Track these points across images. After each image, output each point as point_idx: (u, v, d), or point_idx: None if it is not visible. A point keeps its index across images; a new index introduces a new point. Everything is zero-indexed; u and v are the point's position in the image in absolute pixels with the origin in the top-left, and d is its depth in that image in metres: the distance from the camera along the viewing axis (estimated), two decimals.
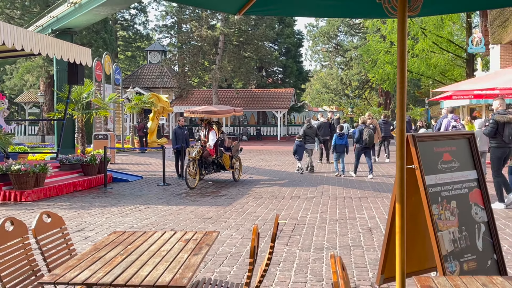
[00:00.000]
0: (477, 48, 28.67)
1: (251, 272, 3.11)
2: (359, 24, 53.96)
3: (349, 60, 55.73)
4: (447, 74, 37.37)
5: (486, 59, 34.55)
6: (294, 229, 7.92)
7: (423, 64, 35.23)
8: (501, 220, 8.43)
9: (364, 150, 14.89)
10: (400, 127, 3.06)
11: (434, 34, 33.71)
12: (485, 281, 2.89)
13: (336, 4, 3.77)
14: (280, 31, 47.16)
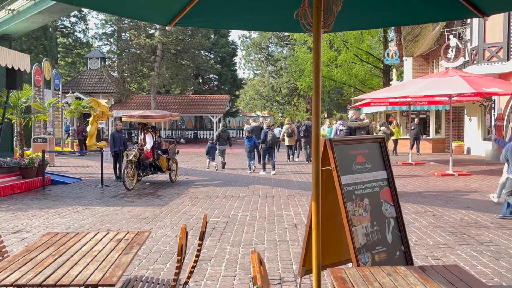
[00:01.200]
0: (392, 60, 29.83)
1: (178, 269, 3.09)
2: (288, 36, 54.79)
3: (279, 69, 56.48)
4: (366, 83, 38.62)
5: (401, 70, 36.03)
6: (225, 227, 7.92)
7: (345, 74, 36.23)
8: (411, 215, 8.80)
9: (269, 150, 16.08)
10: (315, 132, 3.13)
11: (355, 46, 34.77)
12: (390, 270, 3.01)
13: (259, 18, 3.82)
14: (215, 41, 47.15)
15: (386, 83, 34.82)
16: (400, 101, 19.54)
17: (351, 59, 35.77)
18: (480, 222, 8.12)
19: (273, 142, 15.76)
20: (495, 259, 5.94)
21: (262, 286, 2.08)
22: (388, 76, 35.68)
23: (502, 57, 18.93)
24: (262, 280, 2.12)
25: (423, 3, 4.18)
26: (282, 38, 57.29)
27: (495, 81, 15.60)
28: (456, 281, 2.79)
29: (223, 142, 17.56)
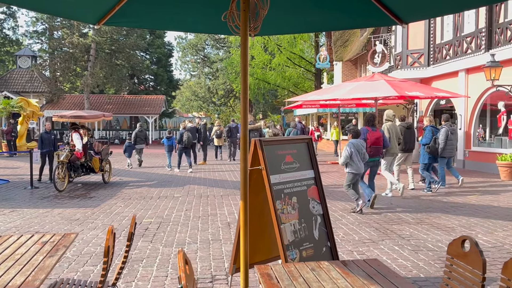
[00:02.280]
0: (323, 64, 30.55)
1: (105, 270, 3.00)
2: (224, 39, 54.80)
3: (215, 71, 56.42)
4: (299, 86, 39.33)
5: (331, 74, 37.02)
6: (159, 227, 7.80)
7: (279, 77, 36.73)
8: (339, 212, 9.05)
9: (185, 150, 16.78)
10: (243, 133, 3.15)
11: (288, 50, 35.32)
12: (314, 266, 3.07)
13: (189, 20, 3.79)
14: (151, 41, 46.31)
15: (317, 86, 35.61)
16: (330, 103, 20.06)
17: (285, 63, 36.32)
18: (402, 218, 8.48)
19: (188, 142, 16.57)
20: (415, 253, 6.22)
21: (187, 285, 2.06)
22: (319, 79, 36.51)
23: (423, 63, 19.88)
24: (187, 280, 2.10)
25: (349, 10, 4.30)
26: (218, 41, 57.24)
27: (416, 86, 16.35)
28: (375, 274, 2.89)
29: (140, 141, 18.43)
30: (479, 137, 17.11)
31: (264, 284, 2.71)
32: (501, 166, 14.00)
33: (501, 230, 7.48)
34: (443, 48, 18.80)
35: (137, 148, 18.47)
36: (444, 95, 16.11)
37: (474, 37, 16.76)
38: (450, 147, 11.82)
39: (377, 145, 9.55)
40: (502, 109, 15.84)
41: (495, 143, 16.33)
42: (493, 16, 15.77)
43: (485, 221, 8.21)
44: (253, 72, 37.37)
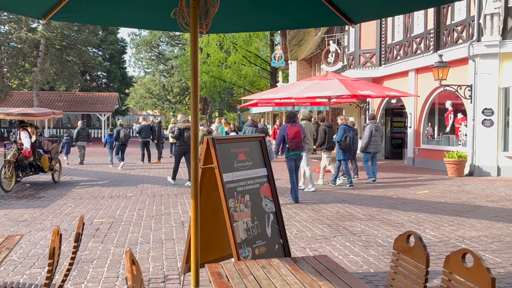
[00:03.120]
0: (278, 63, 30.78)
1: (50, 273, 2.91)
2: (179, 36, 54.31)
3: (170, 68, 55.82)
4: (255, 84, 39.48)
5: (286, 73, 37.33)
6: (110, 227, 7.64)
7: (235, 75, 36.74)
8: (293, 210, 9.15)
9: (122, 147, 17.48)
10: (193, 131, 3.13)
11: (244, 48, 35.38)
12: (265, 263, 3.09)
13: (139, 16, 3.73)
14: (103, 37, 45.28)
15: (273, 84, 35.85)
16: (285, 101, 20.25)
17: (240, 61, 36.37)
18: (354, 215, 8.66)
19: (125, 139, 17.22)
20: (365, 248, 6.36)
21: (133, 286, 2.03)
22: (275, 78, 36.78)
23: (375, 62, 20.37)
24: (134, 280, 2.07)
25: (300, 10, 4.35)
26: (173, 38, 56.64)
27: (368, 85, 16.74)
28: (323, 270, 2.94)
29: (82, 138, 18.58)
30: (428, 135, 17.69)
31: (214, 283, 2.71)
32: (448, 163, 14.52)
33: (447, 225, 7.77)
34: (394, 49, 19.32)
35: (79, 145, 18.63)
36: (395, 94, 16.57)
37: (423, 38, 17.30)
38: (374, 143, 12.98)
39: (297, 139, 9.88)
40: (449, 108, 16.44)
41: (442, 141, 16.93)
42: (440, 18, 16.33)
43: (432, 216, 8.50)
44: (208, 70, 37.23)
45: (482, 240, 6.78)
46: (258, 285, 2.67)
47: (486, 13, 13.91)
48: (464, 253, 2.51)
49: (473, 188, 11.95)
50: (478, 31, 14.23)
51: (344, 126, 12.34)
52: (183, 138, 12.49)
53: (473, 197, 10.57)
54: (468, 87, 14.67)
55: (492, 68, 14.14)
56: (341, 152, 12.34)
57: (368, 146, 13.00)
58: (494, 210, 9.10)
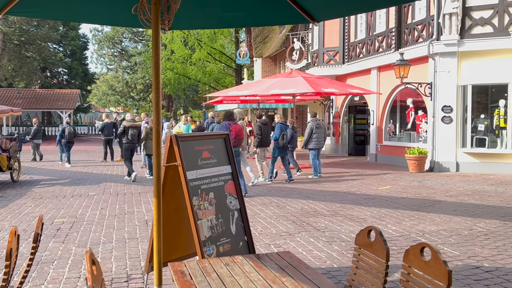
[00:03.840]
0: (243, 60, 30.74)
1: (7, 274, 2.83)
2: (142, 32, 53.56)
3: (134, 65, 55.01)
4: (220, 81, 39.36)
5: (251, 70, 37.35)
6: (72, 227, 7.49)
7: (200, 72, 36.52)
8: (258, 207, 9.17)
9: (68, 144, 17.56)
10: (155, 128, 3.09)
11: (208, 45, 35.18)
12: (228, 261, 3.10)
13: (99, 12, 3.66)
14: (64, 33, 44.14)
15: (238, 81, 35.81)
16: (250, 99, 20.27)
17: (205, 58, 36.16)
18: (318, 211, 8.76)
19: (69, 137, 17.33)
20: (329, 244, 6.45)
21: (93, 286, 2.00)
22: (240, 75, 36.74)
23: (339, 60, 20.63)
24: (94, 280, 2.04)
25: (263, 7, 4.36)
26: (136, 34, 55.83)
27: (332, 82, 16.93)
28: (286, 266, 2.96)
29: (38, 136, 19.03)
30: (389, 132, 18.05)
31: (177, 281, 2.69)
32: (409, 159, 14.86)
33: (408, 220, 7.95)
34: (357, 47, 19.61)
35: (35, 143, 18.97)
36: (358, 91, 16.83)
37: (385, 37, 17.63)
38: (316, 140, 13.58)
39: (240, 136, 10.43)
40: (410, 105, 16.81)
41: (404, 137, 17.31)
42: (402, 17, 16.67)
43: (394, 211, 8.69)
44: (173, 67, 36.89)
45: (441, 234, 6.97)
46: (221, 283, 2.67)
47: (445, 12, 14.28)
48: (422, 247, 2.58)
49: (433, 184, 12.27)
50: (438, 30, 14.61)
51: (281, 125, 12.89)
52: (127, 136, 13.16)
53: (433, 192, 10.85)
54: (428, 85, 15.04)
55: (451, 66, 14.54)
56: (277, 149, 12.80)
57: (308, 142, 13.63)
58: (453, 204, 9.37)
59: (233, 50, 38.02)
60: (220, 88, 36.95)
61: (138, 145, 14.12)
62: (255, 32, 31.28)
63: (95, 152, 23.92)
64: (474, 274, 5.17)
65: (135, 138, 13.25)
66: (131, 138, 13.17)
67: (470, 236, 6.80)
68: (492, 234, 6.92)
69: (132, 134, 13.16)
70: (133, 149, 13.51)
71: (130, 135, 13.14)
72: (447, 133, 14.66)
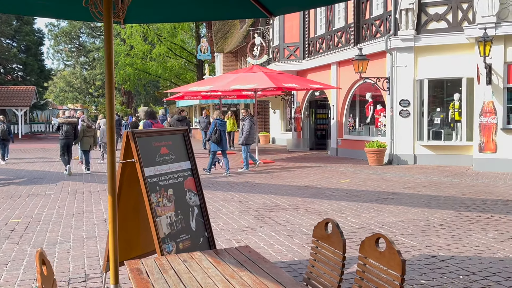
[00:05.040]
0: (204, 55, 30.56)
1: None
2: (101, 27, 52.42)
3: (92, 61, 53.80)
4: (181, 77, 39.00)
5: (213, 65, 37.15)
6: (27, 227, 7.27)
7: (160, 67, 36.08)
8: (220, 202, 9.15)
9: (3, 142, 17.50)
10: (109, 124, 3.02)
11: (168, 40, 34.79)
12: (186, 257, 3.07)
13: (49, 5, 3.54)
14: (18, 28, 42.71)
15: (199, 77, 35.58)
16: (212, 94, 20.16)
17: (166, 53, 35.76)
18: (280, 205, 8.81)
19: (2, 134, 17.25)
20: (290, 237, 6.49)
21: (43, 286, 1.94)
22: (201, 70, 36.50)
23: (299, 56, 20.76)
24: (44, 281, 1.97)
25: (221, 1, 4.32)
26: (94, 29, 54.62)
27: (293, 78, 17.04)
28: (245, 261, 2.96)
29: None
30: (349, 126, 18.33)
31: (133, 279, 2.65)
32: (369, 153, 15.14)
33: (367, 212, 8.09)
34: (317, 42, 19.79)
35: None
36: (318, 86, 17.01)
37: (344, 32, 17.85)
38: (252, 136, 14.57)
39: None
40: (369, 99, 17.11)
41: (363, 131, 17.61)
42: (360, 12, 16.91)
43: (354, 204, 8.83)
44: (132, 62, 36.32)
45: (399, 225, 7.13)
46: (178, 279, 2.64)
47: (402, 8, 14.58)
48: (377, 238, 2.62)
49: (392, 176, 12.54)
50: (395, 25, 14.90)
51: (216, 121, 13.43)
52: (62, 132, 13.82)
53: (391, 185, 11.09)
54: (386, 79, 15.33)
55: (408, 61, 14.87)
56: (214, 145, 13.37)
57: (248, 139, 14.33)
58: (410, 196, 9.60)
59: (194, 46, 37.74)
60: (181, 84, 36.61)
61: (74, 142, 14.35)
62: (216, 27, 31.12)
63: (52, 150, 23.30)
64: (430, 263, 5.31)
65: (69, 134, 13.82)
66: (66, 134, 13.75)
67: (427, 227, 6.98)
68: (447, 224, 7.12)
69: (67, 130, 13.77)
70: (69, 144, 13.93)
71: (65, 131, 13.73)
72: (405, 126, 15.00)
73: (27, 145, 27.88)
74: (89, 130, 14.49)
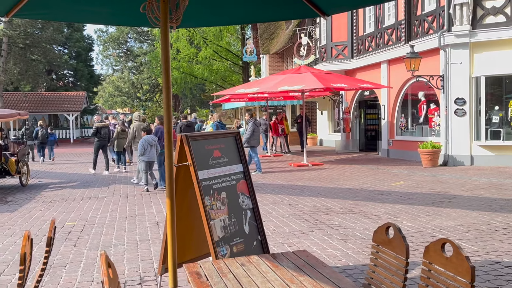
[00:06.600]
0: (250, 57, 30.70)
1: (22, 279, 2.84)
2: (147, 32, 53.69)
3: (139, 65, 55.12)
4: (227, 79, 39.33)
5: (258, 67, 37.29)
6: (83, 230, 7.52)
7: (206, 70, 36.49)
8: (270, 205, 9.16)
9: (42, 145, 19.24)
10: (167, 129, 3.09)
11: (214, 43, 35.16)
12: (244, 261, 3.09)
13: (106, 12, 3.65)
14: (69, 35, 44.40)
15: (245, 79, 35.78)
16: (258, 96, 20.23)
17: (211, 56, 36.14)
18: (331, 208, 8.73)
19: (42, 138, 18.99)
20: (343, 242, 6.42)
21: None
22: (247, 72, 36.69)
23: (347, 55, 20.54)
24: (110, 283, 2.03)
25: (272, 2, 4.33)
26: (141, 34, 55.95)
27: (341, 77, 16.87)
28: (303, 265, 2.95)
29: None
30: (401, 126, 17.95)
31: (193, 282, 2.69)
32: (422, 154, 14.77)
33: (424, 216, 7.90)
34: (366, 40, 19.51)
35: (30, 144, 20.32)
36: (368, 86, 16.76)
37: (394, 29, 17.52)
38: (256, 138, 14.61)
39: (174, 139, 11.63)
40: (422, 98, 16.70)
41: (416, 131, 17.20)
42: (411, 8, 16.55)
43: (409, 207, 8.64)
44: (179, 66, 36.93)
45: (458, 229, 6.92)
46: (238, 283, 2.66)
47: (456, 3, 14.16)
48: (443, 243, 2.55)
49: (448, 178, 12.18)
50: (448, 21, 14.49)
51: (217, 123, 14.18)
52: (99, 135, 15.19)
53: (448, 187, 10.78)
54: (440, 77, 14.92)
55: (463, 57, 14.42)
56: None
57: (250, 140, 14.38)
58: (468, 199, 9.30)
59: (239, 48, 37.99)
60: (227, 86, 36.92)
61: (109, 144, 15.67)
62: (262, 28, 31.23)
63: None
64: (494, 270, 5.12)
65: (104, 136, 15.30)
66: (103, 137, 15.26)
67: (488, 231, 6.74)
68: (511, 229, 6.85)
69: (105, 133, 15.31)
70: (104, 145, 15.38)
71: (103, 134, 15.25)
72: (460, 126, 14.55)
73: (78, 149, 28.89)
74: (123, 133, 15.49)
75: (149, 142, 11.29)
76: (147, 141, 11.29)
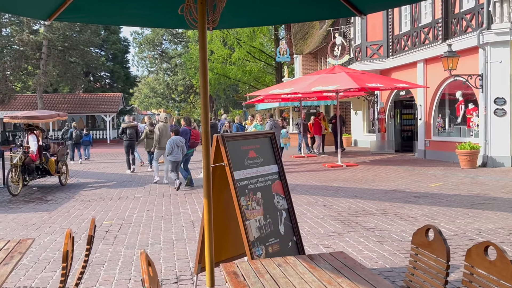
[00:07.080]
0: (283, 58, 30.68)
1: (64, 276, 2.92)
2: (182, 34, 54.28)
3: (174, 67, 55.79)
4: (260, 80, 39.41)
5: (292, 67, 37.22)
6: (120, 229, 7.67)
7: (239, 71, 36.66)
8: (304, 206, 9.12)
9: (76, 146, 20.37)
10: (204, 129, 3.11)
11: (248, 44, 35.29)
12: (281, 261, 3.08)
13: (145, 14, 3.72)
14: (106, 37, 45.35)
15: (278, 79, 35.76)
16: (291, 97, 20.19)
17: (245, 57, 36.28)
18: (367, 210, 8.63)
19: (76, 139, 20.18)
20: (380, 244, 6.33)
21: (150, 287, 2.03)
22: (280, 73, 36.66)
23: (383, 54, 20.26)
24: (150, 282, 2.06)
25: (308, 2, 4.31)
26: (176, 35, 56.63)
27: (376, 77, 16.66)
28: (341, 267, 2.92)
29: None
30: (438, 126, 17.59)
31: (230, 282, 2.70)
32: (460, 155, 14.43)
33: (462, 218, 7.72)
34: (402, 40, 19.20)
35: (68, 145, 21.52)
36: (404, 86, 16.49)
37: (431, 28, 17.18)
38: None
39: (197, 140, 12.36)
40: (460, 98, 16.33)
41: (454, 132, 16.83)
42: (449, 6, 16.20)
43: (447, 209, 8.45)
44: (213, 67, 37.21)
45: (499, 232, 6.73)
46: (275, 284, 2.66)
47: (496, 0, 13.79)
48: (486, 246, 2.49)
49: (487, 179, 11.87)
50: (488, 18, 14.12)
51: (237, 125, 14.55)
52: (126, 135, 15.79)
53: (487, 189, 10.50)
54: (479, 76, 14.55)
55: (503, 56, 14.02)
56: None
57: None
58: (510, 201, 9.03)
59: (272, 48, 38.00)
60: (260, 87, 36.99)
61: (137, 143, 16.26)
62: (295, 28, 31.15)
63: None
64: None
65: (132, 136, 15.82)
66: (130, 137, 15.81)
67: None
68: None
69: (131, 133, 15.80)
70: (132, 145, 15.96)
71: (129, 134, 15.78)
72: (500, 126, 14.15)
73: (115, 149, 29.47)
74: (151, 134, 15.52)
75: (176, 143, 11.57)
76: (175, 142, 11.57)
